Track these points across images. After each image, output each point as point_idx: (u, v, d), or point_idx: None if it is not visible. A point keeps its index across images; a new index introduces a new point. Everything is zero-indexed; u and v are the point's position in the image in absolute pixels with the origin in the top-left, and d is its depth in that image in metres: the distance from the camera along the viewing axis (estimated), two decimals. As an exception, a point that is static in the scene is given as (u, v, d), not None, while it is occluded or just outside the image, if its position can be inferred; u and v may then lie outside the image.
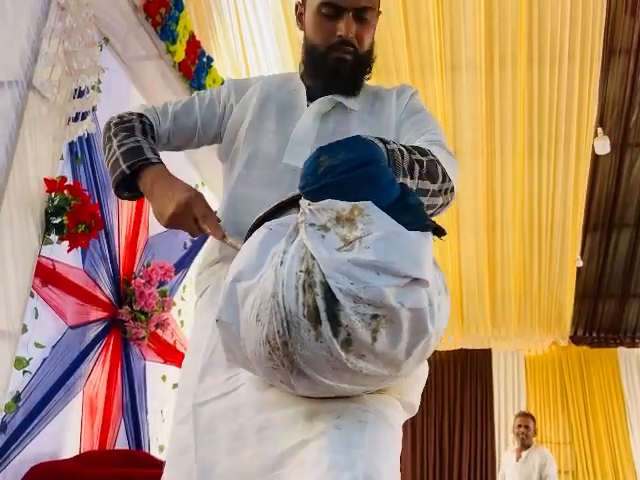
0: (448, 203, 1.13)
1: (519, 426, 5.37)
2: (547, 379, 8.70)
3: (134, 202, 4.10)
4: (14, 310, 2.51)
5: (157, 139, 1.38)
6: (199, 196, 1.19)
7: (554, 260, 7.57)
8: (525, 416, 5.45)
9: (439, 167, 1.09)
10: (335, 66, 1.34)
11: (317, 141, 1.29)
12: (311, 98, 1.38)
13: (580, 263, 7.82)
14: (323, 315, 0.83)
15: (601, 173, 7.31)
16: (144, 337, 3.95)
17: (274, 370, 0.89)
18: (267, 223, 0.99)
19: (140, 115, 1.37)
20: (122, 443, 3.92)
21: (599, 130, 6.43)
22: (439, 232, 0.95)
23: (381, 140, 1.01)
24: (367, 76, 1.42)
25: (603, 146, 6.37)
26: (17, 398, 2.96)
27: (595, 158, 6.79)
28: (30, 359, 3.00)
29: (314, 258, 0.85)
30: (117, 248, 3.85)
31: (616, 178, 7.43)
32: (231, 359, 0.97)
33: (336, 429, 0.93)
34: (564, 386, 8.70)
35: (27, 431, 3.06)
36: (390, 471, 0.97)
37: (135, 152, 1.24)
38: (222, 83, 1.52)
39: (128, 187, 1.27)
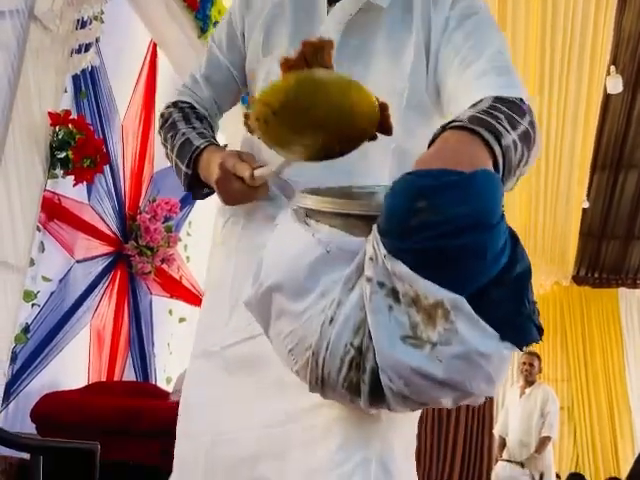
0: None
1: (524, 363, 5.48)
2: (548, 318, 8.81)
3: (139, 136, 4.07)
4: (21, 244, 2.53)
5: (205, 115, 1.23)
6: (230, 153, 1.05)
7: (560, 200, 7.55)
8: (530, 354, 5.54)
9: (534, 129, 0.89)
10: None
11: (335, 63, 1.12)
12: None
13: (586, 204, 7.79)
14: (364, 394, 0.73)
15: (612, 112, 7.20)
16: (150, 272, 3.99)
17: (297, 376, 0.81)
18: (325, 240, 0.77)
19: (175, 104, 1.24)
20: (129, 375, 4.02)
21: (612, 68, 6.30)
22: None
23: (495, 136, 0.78)
24: None
25: (615, 85, 6.25)
26: (26, 330, 3.02)
27: (606, 97, 6.67)
28: (38, 292, 3.05)
29: (371, 338, 0.70)
30: (122, 183, 3.84)
31: (626, 118, 7.31)
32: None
33: None
34: (564, 325, 8.83)
35: (36, 362, 3.13)
36: (405, 447, 0.93)
37: (185, 148, 1.13)
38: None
39: (198, 185, 1.15)
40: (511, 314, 0.71)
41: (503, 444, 5.44)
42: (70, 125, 2.88)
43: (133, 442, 2.88)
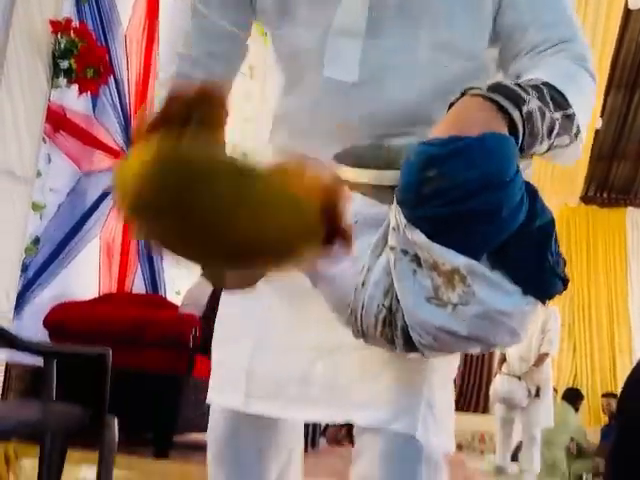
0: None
1: (527, 280, 5.53)
2: (553, 238, 8.86)
3: (142, 47, 3.97)
4: (27, 154, 2.52)
5: None
6: None
7: (572, 120, 7.40)
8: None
9: (574, 121, 0.83)
10: None
11: (370, 28, 0.88)
12: None
13: (599, 124, 7.65)
14: (399, 346, 0.78)
15: (631, 30, 6.96)
16: (157, 186, 4.00)
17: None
18: (354, 211, 0.75)
19: None
20: (139, 288, 4.10)
21: (634, -21, 6.03)
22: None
23: (515, 102, 0.73)
24: None
25: (636, -1, 6.01)
26: (36, 241, 3.06)
27: (627, 13, 6.43)
28: (46, 204, 3.07)
29: (399, 300, 0.75)
30: (127, 96, 3.79)
31: (646, 35, 7.08)
32: None
33: None
34: (569, 244, 8.85)
35: (47, 272, 3.19)
36: (445, 382, 0.96)
37: None
38: None
39: None
40: (533, 269, 0.73)
41: (503, 359, 5.57)
42: (72, 33, 2.82)
43: (142, 351, 2.97)
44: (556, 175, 8.22)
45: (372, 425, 0.90)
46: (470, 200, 0.68)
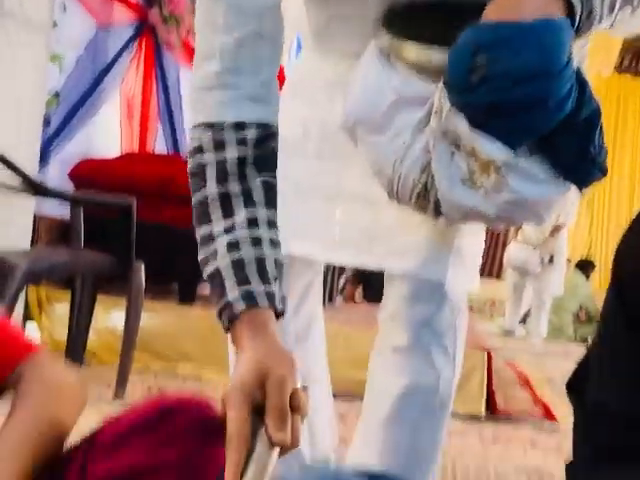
0: None
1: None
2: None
3: None
4: (42, 0, 2.44)
5: (266, 153, 0.77)
6: (242, 391, 0.60)
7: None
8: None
9: None
10: None
11: None
12: None
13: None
14: (430, 215, 0.85)
15: None
16: (176, 44, 3.91)
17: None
18: (399, 87, 0.79)
19: (215, 140, 0.77)
20: (160, 149, 4.12)
21: None
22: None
23: None
24: None
25: None
26: (56, 95, 3.05)
27: None
28: (64, 57, 3.03)
29: (434, 179, 0.78)
30: (142, -57, 3.62)
31: None
32: None
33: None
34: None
35: (68, 128, 3.20)
36: (474, 236, 1.03)
37: (215, 289, 0.72)
38: None
39: None
40: (574, 158, 0.75)
41: (519, 226, 5.63)
42: None
43: (166, 206, 3.03)
44: (590, 45, 7.87)
45: (403, 272, 0.99)
46: (517, 89, 0.67)
